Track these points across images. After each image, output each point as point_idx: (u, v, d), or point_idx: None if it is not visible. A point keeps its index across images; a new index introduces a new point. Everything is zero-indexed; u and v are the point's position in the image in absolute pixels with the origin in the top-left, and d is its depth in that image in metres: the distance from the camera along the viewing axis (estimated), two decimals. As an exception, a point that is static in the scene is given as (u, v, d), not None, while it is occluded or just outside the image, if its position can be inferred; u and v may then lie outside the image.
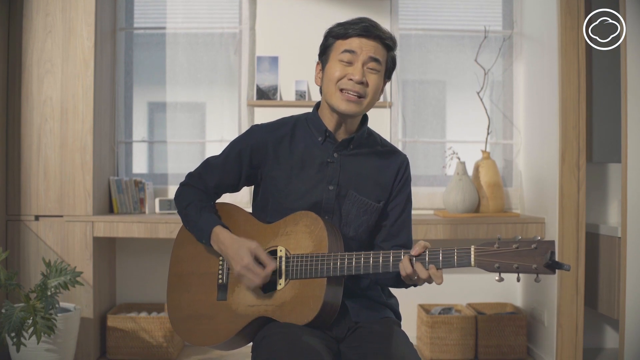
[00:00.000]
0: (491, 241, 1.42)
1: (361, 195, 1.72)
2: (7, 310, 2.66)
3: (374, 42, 1.65)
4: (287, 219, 1.67)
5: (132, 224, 3.16)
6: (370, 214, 1.74)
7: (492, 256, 1.40)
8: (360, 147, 1.76)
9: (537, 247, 1.36)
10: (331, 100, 1.67)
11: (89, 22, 3.15)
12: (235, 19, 3.67)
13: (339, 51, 1.65)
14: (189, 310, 1.71)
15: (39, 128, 3.16)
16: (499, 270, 1.39)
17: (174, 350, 3.26)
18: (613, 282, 3.01)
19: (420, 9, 3.74)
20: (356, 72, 1.63)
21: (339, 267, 1.55)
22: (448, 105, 3.79)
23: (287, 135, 1.75)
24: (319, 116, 1.75)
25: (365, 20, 1.68)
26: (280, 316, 1.58)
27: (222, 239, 1.66)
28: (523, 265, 1.37)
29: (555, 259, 1.35)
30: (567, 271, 1.45)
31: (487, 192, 3.44)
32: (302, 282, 1.59)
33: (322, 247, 1.59)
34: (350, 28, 1.66)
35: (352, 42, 1.65)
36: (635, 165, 2.70)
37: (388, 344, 1.54)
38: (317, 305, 1.54)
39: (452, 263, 1.44)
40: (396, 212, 1.78)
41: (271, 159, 1.74)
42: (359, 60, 1.64)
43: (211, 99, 3.74)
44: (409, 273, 1.49)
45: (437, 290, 3.60)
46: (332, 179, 1.71)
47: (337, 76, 1.64)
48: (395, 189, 1.77)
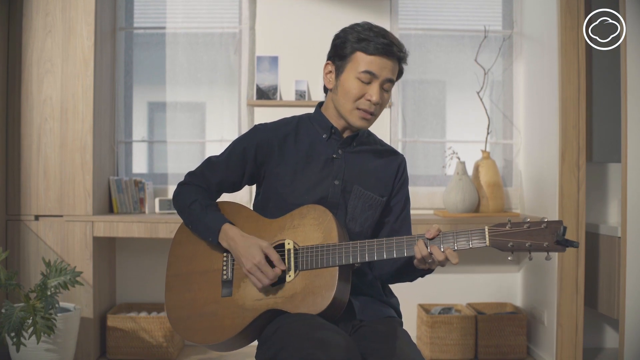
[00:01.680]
0: (502, 223, 1.48)
1: (366, 190, 1.76)
2: (7, 310, 2.66)
3: (392, 63, 1.68)
4: (294, 213, 1.68)
5: (132, 224, 3.16)
6: (375, 209, 1.77)
7: (506, 235, 1.46)
8: (361, 144, 1.81)
9: (547, 226, 1.44)
10: (345, 115, 1.71)
11: (89, 21, 3.15)
12: (235, 19, 3.67)
13: (359, 69, 1.66)
14: (190, 309, 1.70)
15: (38, 128, 3.15)
16: (513, 248, 1.45)
17: (174, 350, 3.26)
18: (613, 282, 3.01)
19: (420, 9, 3.74)
20: (374, 94, 1.66)
21: (351, 254, 1.57)
22: (448, 105, 3.79)
23: (292, 132, 1.78)
24: (323, 114, 1.79)
25: (386, 35, 1.68)
26: (291, 307, 1.58)
27: (231, 235, 1.66)
28: (535, 243, 1.44)
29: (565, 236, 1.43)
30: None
31: (487, 192, 3.44)
32: (312, 272, 1.60)
33: (331, 237, 1.61)
34: (373, 41, 1.65)
35: (373, 63, 1.65)
36: (635, 165, 2.70)
37: (392, 344, 1.55)
38: (330, 294, 1.55)
39: (467, 244, 1.49)
40: (398, 208, 1.82)
41: (276, 156, 1.75)
42: (377, 82, 1.67)
43: (211, 99, 3.73)
44: (425, 255, 1.52)
45: (437, 290, 3.60)
46: (337, 174, 1.75)
47: (355, 94, 1.68)
48: (395, 186, 1.82)
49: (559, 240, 1.42)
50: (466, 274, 3.64)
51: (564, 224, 1.43)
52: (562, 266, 3.06)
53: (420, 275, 1.68)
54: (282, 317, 1.58)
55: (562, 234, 1.41)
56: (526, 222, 1.45)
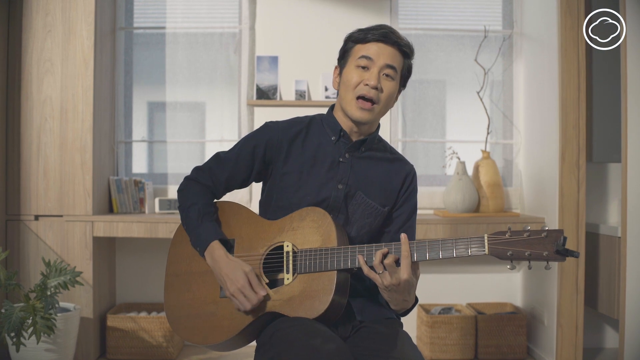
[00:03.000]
0: (502, 231, 1.45)
1: (368, 198, 1.74)
2: (7, 310, 2.66)
3: (391, 49, 1.68)
4: (293, 215, 1.68)
5: (132, 224, 3.16)
6: (374, 218, 1.75)
7: (505, 244, 1.43)
8: (370, 150, 1.79)
9: (547, 235, 1.41)
10: (346, 107, 1.70)
11: (89, 21, 3.15)
12: (235, 19, 3.67)
13: (357, 56, 1.68)
14: (189, 308, 1.70)
15: (38, 128, 3.15)
16: (512, 257, 1.42)
17: (174, 350, 3.25)
18: (613, 281, 3.01)
19: (420, 9, 3.74)
20: (372, 77, 1.65)
21: (349, 258, 1.56)
22: (448, 105, 3.79)
23: (302, 133, 1.77)
24: (334, 117, 1.78)
25: (384, 27, 1.70)
26: (289, 311, 1.58)
27: (216, 257, 1.65)
28: (534, 252, 1.41)
29: (566, 246, 1.40)
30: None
31: (487, 191, 3.44)
32: (310, 276, 1.59)
33: (330, 241, 1.60)
34: (370, 33, 1.68)
35: (370, 48, 1.67)
36: (635, 165, 2.70)
37: (393, 345, 1.54)
38: (328, 298, 1.54)
39: (467, 251, 1.46)
40: (400, 220, 1.79)
41: (284, 155, 1.75)
42: (375, 66, 1.66)
43: (211, 99, 3.73)
44: (376, 265, 1.50)
45: (437, 290, 3.60)
46: (342, 178, 1.73)
47: (354, 82, 1.67)
48: (400, 197, 1.79)
49: (559, 250, 1.39)
50: (466, 274, 3.64)
51: (565, 234, 1.40)
52: (562, 266, 3.06)
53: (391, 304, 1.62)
54: (279, 322, 1.57)
55: (562, 244, 1.39)
56: (526, 230, 1.42)
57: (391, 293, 1.53)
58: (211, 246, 1.67)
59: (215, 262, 1.65)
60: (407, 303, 1.59)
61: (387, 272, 1.49)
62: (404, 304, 1.59)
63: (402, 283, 1.49)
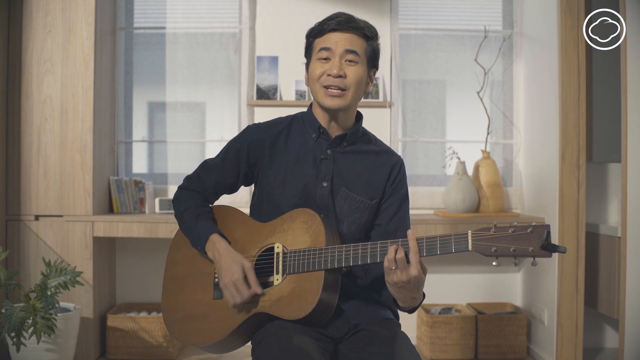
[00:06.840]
0: (487, 227, 1.42)
1: (352, 193, 1.73)
2: (7, 310, 2.66)
3: (348, 35, 1.68)
4: (284, 216, 1.68)
5: (132, 224, 3.16)
6: (362, 212, 1.73)
7: (489, 240, 1.40)
8: (353, 144, 1.77)
9: (533, 231, 1.37)
10: (317, 98, 1.70)
11: (89, 21, 3.15)
12: (235, 19, 3.67)
13: (317, 49, 1.70)
14: (184, 311, 1.71)
15: (38, 128, 3.15)
16: (497, 254, 1.39)
17: (173, 350, 3.26)
18: (613, 281, 3.01)
19: (420, 9, 3.74)
20: (334, 67, 1.66)
21: (336, 258, 1.55)
22: (448, 105, 3.79)
23: (283, 132, 1.77)
24: (313, 114, 1.77)
25: (340, 14, 1.72)
26: (277, 311, 1.57)
27: (218, 247, 1.66)
28: (519, 248, 1.37)
29: (551, 241, 1.37)
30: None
31: (487, 191, 3.44)
32: (299, 276, 1.59)
33: (319, 241, 1.60)
34: (325, 24, 1.71)
35: (328, 39, 1.69)
36: (635, 165, 2.71)
37: (392, 348, 1.54)
38: (315, 298, 1.54)
39: (450, 249, 1.43)
40: (390, 211, 1.76)
41: (267, 156, 1.75)
42: (335, 55, 1.67)
43: (211, 99, 3.74)
44: (389, 259, 1.46)
45: (437, 290, 3.60)
46: (325, 175, 1.72)
47: (317, 74, 1.68)
48: (388, 189, 1.77)
49: (544, 245, 1.35)
50: (466, 274, 3.64)
51: (549, 229, 1.37)
52: (562, 266, 3.06)
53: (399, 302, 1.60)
54: (267, 327, 1.58)
55: (546, 238, 1.35)
56: (512, 226, 1.39)
57: (400, 290, 1.51)
58: (211, 239, 1.68)
59: (217, 252, 1.66)
60: (416, 300, 1.57)
61: (399, 268, 1.47)
62: (413, 302, 1.57)
63: (412, 280, 1.47)
